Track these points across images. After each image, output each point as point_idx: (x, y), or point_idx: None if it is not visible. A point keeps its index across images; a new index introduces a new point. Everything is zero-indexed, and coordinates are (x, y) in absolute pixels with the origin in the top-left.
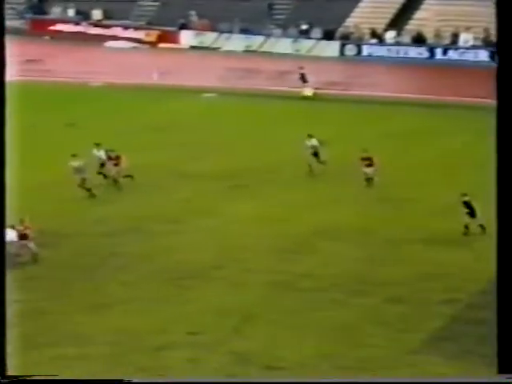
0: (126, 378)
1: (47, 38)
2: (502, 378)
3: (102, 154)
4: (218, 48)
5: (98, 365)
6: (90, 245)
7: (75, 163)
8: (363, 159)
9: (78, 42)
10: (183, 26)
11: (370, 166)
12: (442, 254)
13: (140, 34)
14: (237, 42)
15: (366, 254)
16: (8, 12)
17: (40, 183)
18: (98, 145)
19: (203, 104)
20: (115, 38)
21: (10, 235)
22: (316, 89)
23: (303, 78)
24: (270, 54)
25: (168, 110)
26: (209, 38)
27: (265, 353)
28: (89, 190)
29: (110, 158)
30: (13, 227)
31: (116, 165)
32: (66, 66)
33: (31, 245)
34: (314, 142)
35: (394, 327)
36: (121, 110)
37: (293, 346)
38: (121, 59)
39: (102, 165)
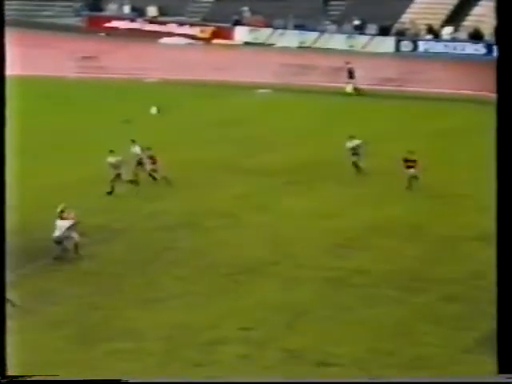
0: (176, 375)
1: (103, 34)
2: (502, 378)
3: (137, 150)
4: (272, 44)
5: (151, 360)
6: (145, 240)
7: (112, 159)
8: (406, 161)
9: (133, 39)
10: (237, 23)
11: (411, 167)
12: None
13: (195, 31)
14: (291, 38)
15: (420, 251)
16: (64, 10)
17: (93, 179)
18: (133, 141)
19: (257, 100)
20: (170, 34)
21: (62, 224)
22: (370, 85)
23: (350, 74)
24: (324, 50)
25: (222, 106)
26: (263, 34)
27: (318, 349)
28: (112, 188)
29: (149, 157)
30: (61, 217)
31: (153, 163)
32: (121, 62)
33: (74, 234)
34: (355, 142)
35: (447, 325)
36: (175, 106)
37: (346, 343)
38: (175, 55)
39: (139, 162)
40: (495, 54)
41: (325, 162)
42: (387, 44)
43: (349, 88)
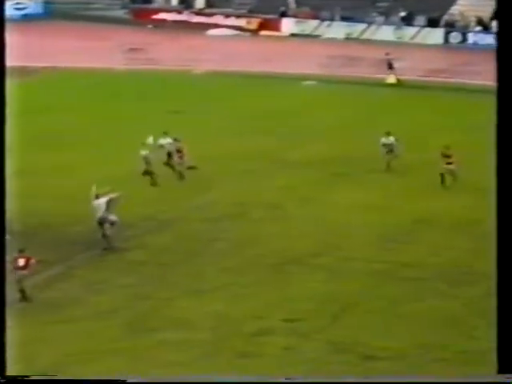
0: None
1: (150, 26)
2: (502, 378)
3: (168, 142)
4: (319, 36)
5: (198, 350)
6: (192, 230)
7: (144, 152)
8: (444, 156)
9: (180, 31)
10: (284, 14)
11: (449, 163)
12: None
13: (241, 22)
14: (338, 30)
15: (468, 244)
16: (113, 2)
17: (141, 170)
18: (165, 133)
19: (304, 91)
20: (217, 26)
21: (100, 201)
22: (418, 76)
23: (389, 65)
24: (371, 42)
25: (268, 98)
26: (310, 25)
27: (364, 342)
28: (150, 175)
29: (178, 150)
30: (97, 196)
31: (180, 157)
32: (169, 54)
33: (113, 216)
34: (391, 139)
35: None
36: (222, 97)
37: (393, 336)
38: (222, 47)
39: (169, 155)
40: None
41: (371, 153)
42: (436, 35)
43: (390, 79)
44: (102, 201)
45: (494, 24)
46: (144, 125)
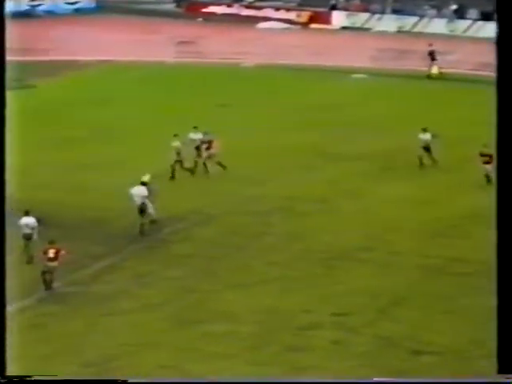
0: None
1: (200, 20)
2: (502, 378)
3: (199, 136)
4: (370, 29)
5: (244, 343)
6: (240, 224)
7: (176, 143)
8: (482, 155)
9: (230, 24)
10: (334, 7)
11: (488, 163)
12: None
13: (291, 15)
14: (389, 23)
15: None
16: None
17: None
18: (195, 127)
19: (353, 84)
20: (267, 19)
21: (140, 189)
22: (470, 70)
23: (432, 56)
24: (423, 35)
25: (318, 91)
26: (360, 18)
27: (412, 337)
28: (191, 171)
29: (203, 142)
30: (143, 184)
31: (208, 148)
32: (218, 47)
33: (150, 206)
34: (427, 136)
35: None
36: (271, 90)
37: (442, 332)
38: (272, 40)
39: (198, 148)
40: None
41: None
42: (489, 29)
43: (434, 70)
44: (142, 189)
45: None
46: (192, 118)
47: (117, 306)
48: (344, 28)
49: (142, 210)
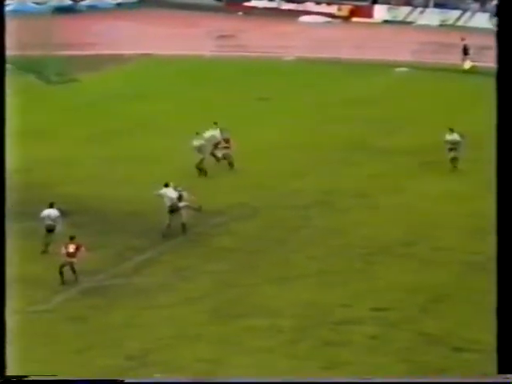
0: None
1: (240, 13)
2: (502, 378)
3: (217, 133)
4: (412, 22)
5: (283, 337)
6: (280, 218)
7: (197, 142)
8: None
9: (270, 18)
10: (376, 1)
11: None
12: None
13: (332, 9)
14: (431, 17)
15: None
16: None
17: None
18: (215, 123)
19: (395, 78)
20: (308, 12)
21: (170, 192)
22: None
23: (465, 50)
24: (466, 29)
25: (359, 85)
26: (402, 12)
27: (454, 334)
28: (201, 170)
29: (218, 141)
30: (167, 185)
31: (226, 147)
32: (259, 40)
33: (184, 212)
34: (454, 136)
35: None
36: (312, 84)
37: (484, 329)
38: (313, 34)
39: (217, 145)
40: None
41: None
42: None
43: (465, 65)
44: (172, 191)
45: None
46: (232, 112)
47: (157, 300)
48: (385, 22)
49: (173, 210)
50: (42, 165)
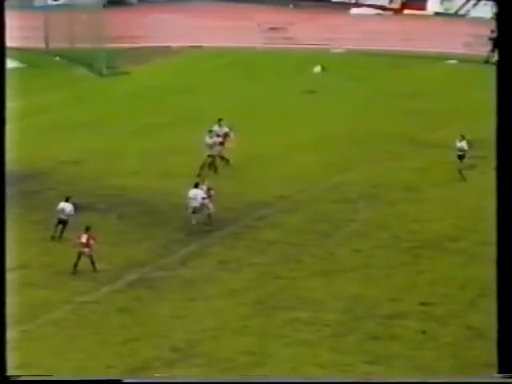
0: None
1: (291, 6)
2: (502, 378)
3: (221, 130)
4: (464, 15)
5: (328, 330)
6: (325, 211)
7: (210, 140)
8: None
9: (321, 10)
10: None
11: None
12: None
13: (384, 1)
14: (484, 9)
15: None
16: None
17: (277, 148)
18: (220, 120)
19: (445, 71)
20: (358, 5)
21: (197, 193)
22: None
23: (494, 43)
24: None
25: (409, 77)
26: (455, 4)
27: None
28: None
29: (217, 136)
30: (197, 186)
31: (221, 143)
32: (309, 33)
33: (210, 205)
34: (463, 143)
35: None
36: (361, 76)
37: None
38: (364, 26)
39: (221, 143)
40: None
41: None
42: None
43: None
44: (200, 192)
45: None
46: (278, 104)
47: (202, 292)
48: (437, 14)
49: (195, 211)
50: (91, 157)
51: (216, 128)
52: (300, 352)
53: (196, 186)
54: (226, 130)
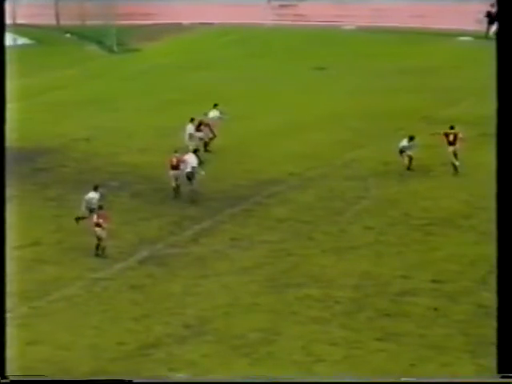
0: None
1: None
2: (502, 378)
3: (216, 115)
4: None
5: (339, 308)
6: (336, 188)
7: (192, 128)
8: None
9: None
10: None
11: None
12: None
13: None
14: None
15: None
16: None
17: (287, 126)
18: (216, 105)
19: (457, 48)
20: None
21: (191, 157)
22: None
23: (490, 17)
24: None
25: (421, 54)
26: None
27: None
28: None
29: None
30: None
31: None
32: (319, 10)
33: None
34: (413, 143)
35: None
36: (372, 53)
37: None
38: (375, 2)
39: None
40: None
41: None
42: None
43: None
44: (192, 156)
45: None
46: (288, 81)
47: (213, 269)
48: None
49: (189, 177)
50: (102, 134)
51: (211, 114)
52: (311, 329)
53: (195, 151)
54: (215, 115)
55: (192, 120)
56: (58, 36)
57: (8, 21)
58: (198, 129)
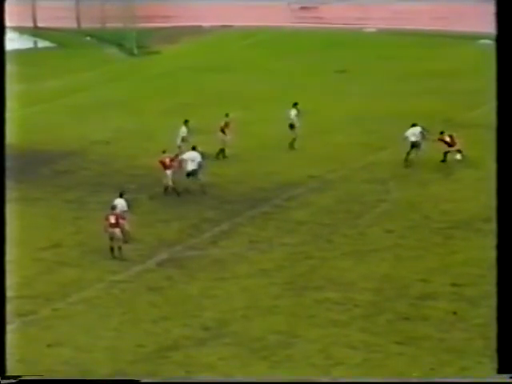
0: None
1: None
2: (502, 378)
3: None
4: None
5: (358, 311)
6: (356, 191)
7: (183, 130)
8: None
9: None
10: None
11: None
12: None
13: None
14: None
15: None
16: None
17: (307, 128)
18: (295, 104)
19: (478, 50)
20: None
21: (193, 156)
22: None
23: None
24: None
25: (441, 57)
26: None
27: None
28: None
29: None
30: (194, 148)
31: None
32: (340, 12)
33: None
34: (416, 131)
35: None
36: (393, 56)
37: None
38: (396, 5)
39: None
40: None
41: None
42: None
43: None
44: (197, 157)
45: None
46: (308, 84)
47: (232, 271)
48: None
49: (189, 174)
50: (122, 136)
51: (292, 112)
52: (330, 332)
53: (193, 148)
54: (294, 113)
55: (186, 122)
56: (79, 39)
57: (29, 24)
58: (222, 131)
